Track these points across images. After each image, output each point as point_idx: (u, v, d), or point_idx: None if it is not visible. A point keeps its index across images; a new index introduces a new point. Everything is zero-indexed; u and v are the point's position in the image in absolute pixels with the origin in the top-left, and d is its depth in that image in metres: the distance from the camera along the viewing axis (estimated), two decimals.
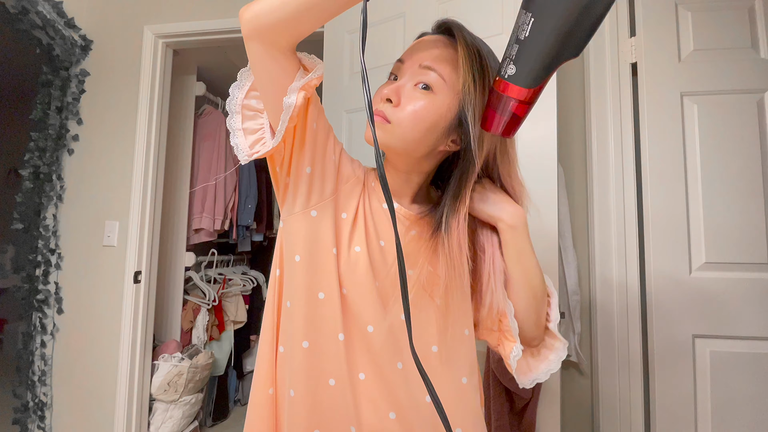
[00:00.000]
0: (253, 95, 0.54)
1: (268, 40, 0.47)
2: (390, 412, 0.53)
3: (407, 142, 0.53)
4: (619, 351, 1.25)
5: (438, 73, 0.52)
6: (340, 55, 1.39)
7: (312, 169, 0.55)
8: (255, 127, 0.53)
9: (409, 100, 0.52)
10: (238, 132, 0.53)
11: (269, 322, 0.60)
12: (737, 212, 1.17)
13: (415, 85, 0.52)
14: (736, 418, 1.13)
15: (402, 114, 0.52)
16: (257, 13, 0.45)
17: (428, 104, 0.51)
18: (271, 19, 0.45)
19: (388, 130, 0.53)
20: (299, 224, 0.56)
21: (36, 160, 1.62)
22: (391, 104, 0.53)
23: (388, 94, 0.53)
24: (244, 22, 0.46)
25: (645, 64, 1.26)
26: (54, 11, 1.60)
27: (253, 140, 0.53)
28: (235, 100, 0.53)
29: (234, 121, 0.53)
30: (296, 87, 0.49)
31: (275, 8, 0.44)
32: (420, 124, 0.52)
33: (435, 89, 0.52)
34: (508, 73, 0.43)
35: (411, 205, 0.61)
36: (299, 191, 0.55)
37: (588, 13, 0.37)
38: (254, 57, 0.48)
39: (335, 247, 0.55)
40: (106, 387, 1.60)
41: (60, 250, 1.69)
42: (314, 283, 0.55)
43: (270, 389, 0.59)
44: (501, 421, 1.05)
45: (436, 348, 0.56)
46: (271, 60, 0.48)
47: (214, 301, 2.17)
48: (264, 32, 0.46)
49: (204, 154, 2.22)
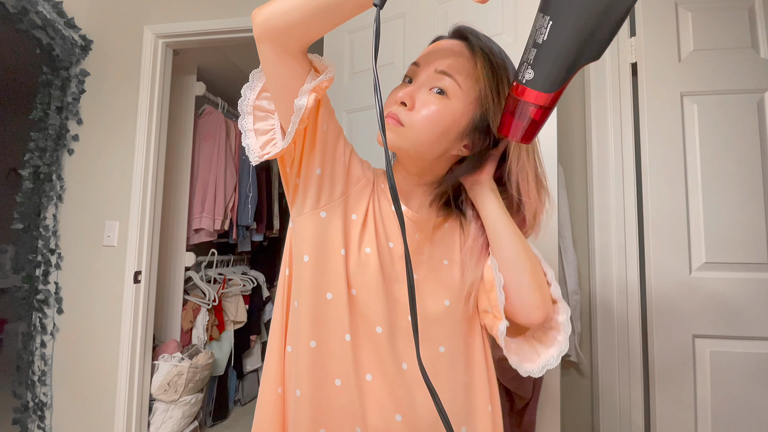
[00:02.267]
0: (265, 96, 0.54)
1: (279, 43, 0.47)
2: (396, 414, 0.53)
3: (419, 145, 0.53)
4: (619, 351, 1.25)
5: (453, 78, 0.51)
6: (340, 56, 1.39)
7: (322, 170, 0.55)
8: (266, 128, 0.54)
9: (423, 104, 0.52)
10: (250, 133, 0.53)
11: (278, 321, 0.60)
12: (737, 212, 1.17)
13: (430, 89, 0.52)
14: (736, 418, 1.13)
15: (416, 117, 0.52)
16: (269, 15, 0.46)
17: (442, 109, 0.51)
18: (282, 22, 0.45)
19: (401, 133, 0.53)
20: (308, 225, 0.56)
21: (36, 160, 1.62)
22: (405, 107, 0.53)
23: (403, 97, 0.53)
24: (256, 25, 0.47)
25: (645, 64, 1.26)
26: (54, 11, 1.60)
27: (264, 141, 0.53)
28: (246, 101, 0.54)
29: (246, 121, 0.54)
30: (307, 89, 0.49)
31: (287, 11, 0.45)
32: (433, 128, 0.52)
33: (450, 94, 0.52)
34: (526, 78, 0.42)
35: (419, 209, 0.61)
36: (309, 192, 0.55)
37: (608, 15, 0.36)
38: (266, 59, 0.49)
39: (344, 248, 0.55)
40: (106, 387, 1.60)
41: (60, 250, 1.69)
42: (322, 284, 0.55)
43: (279, 388, 0.59)
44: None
45: (443, 349, 0.56)
46: (282, 62, 0.48)
47: (214, 301, 2.17)
48: (275, 35, 0.46)
49: (204, 154, 2.22)
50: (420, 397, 0.54)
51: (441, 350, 0.56)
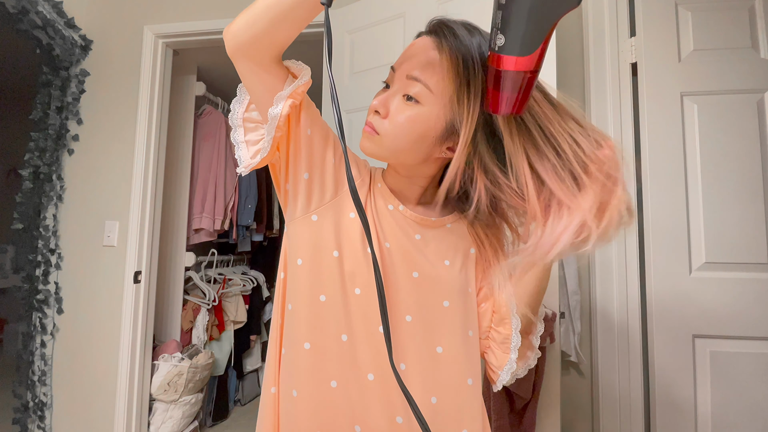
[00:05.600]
0: (253, 108, 0.55)
1: (251, 56, 0.49)
2: (397, 416, 0.53)
3: (397, 152, 0.54)
4: (619, 351, 1.25)
5: (424, 83, 0.51)
6: (340, 55, 1.39)
7: (310, 174, 0.56)
8: (257, 139, 0.55)
9: (396, 112, 0.52)
10: (241, 144, 0.55)
11: (275, 323, 0.61)
12: (737, 212, 1.17)
13: (402, 96, 0.52)
14: (736, 418, 1.13)
15: (389, 126, 0.52)
16: (236, 32, 0.48)
17: (414, 116, 0.51)
18: (250, 35, 0.47)
19: (377, 141, 0.53)
20: (301, 229, 0.57)
21: (36, 160, 1.62)
22: (380, 116, 0.53)
23: (377, 105, 0.53)
24: (227, 43, 0.49)
25: (645, 64, 1.26)
26: (54, 11, 1.60)
27: (254, 151, 0.54)
28: (236, 115, 0.55)
29: (237, 134, 0.55)
30: (283, 96, 0.50)
31: (251, 24, 0.47)
32: (407, 136, 0.52)
33: (422, 100, 0.51)
34: (498, 45, 0.38)
35: (416, 207, 0.60)
36: (299, 197, 0.56)
37: None
38: (243, 73, 0.51)
39: (337, 250, 0.55)
40: (106, 387, 1.60)
41: (60, 250, 1.69)
42: (316, 286, 0.55)
43: (272, 388, 0.60)
44: (501, 421, 1.05)
45: (440, 349, 0.56)
46: (257, 73, 0.50)
47: (214, 301, 2.17)
48: (246, 48, 0.48)
49: (204, 154, 2.22)
50: (418, 397, 0.53)
51: (439, 350, 0.56)
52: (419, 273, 0.56)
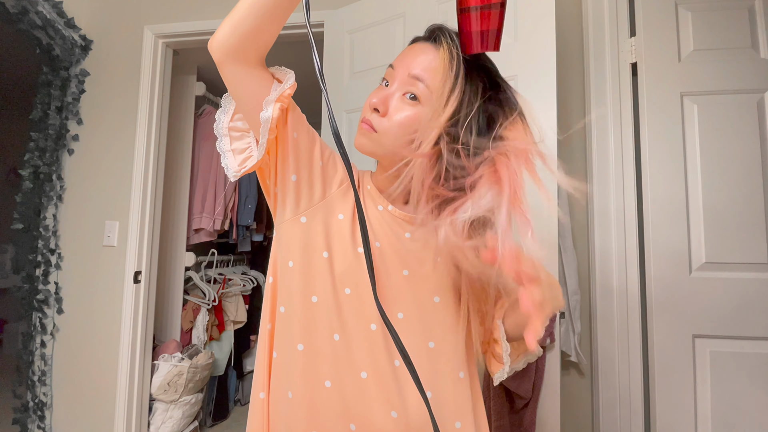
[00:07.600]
0: (238, 117, 0.56)
1: (237, 59, 0.50)
2: (392, 411, 0.54)
3: (393, 150, 0.54)
4: (619, 351, 1.25)
5: (426, 83, 0.52)
6: (340, 55, 1.39)
7: (297, 176, 0.56)
8: (243, 147, 0.56)
9: (396, 110, 0.53)
10: (228, 153, 0.56)
11: (264, 328, 0.62)
12: (737, 212, 1.17)
13: (403, 94, 0.53)
14: (736, 418, 1.13)
15: (388, 124, 0.53)
16: (221, 38, 0.49)
17: (414, 115, 0.52)
18: (236, 37, 0.48)
19: (374, 138, 0.54)
20: (290, 231, 0.57)
21: (36, 160, 1.62)
22: (379, 113, 0.54)
23: (376, 103, 0.54)
24: (214, 50, 0.50)
25: (645, 64, 1.26)
26: (54, 11, 1.60)
27: (241, 159, 0.56)
28: (221, 124, 0.56)
29: (223, 143, 0.56)
30: (271, 99, 0.51)
31: (236, 26, 0.48)
32: (406, 135, 0.53)
33: (422, 100, 0.52)
34: None
35: (405, 206, 0.61)
36: (287, 199, 0.57)
37: None
38: (229, 80, 0.51)
39: (327, 251, 0.56)
40: (106, 387, 1.60)
41: (60, 250, 1.69)
42: (308, 287, 0.56)
43: (261, 393, 0.60)
44: (501, 421, 1.06)
45: (433, 344, 0.57)
46: (245, 78, 0.51)
47: (214, 301, 2.17)
48: (233, 51, 0.49)
49: (204, 154, 2.22)
50: (413, 392, 0.54)
51: (431, 345, 0.56)
52: (409, 270, 0.57)
